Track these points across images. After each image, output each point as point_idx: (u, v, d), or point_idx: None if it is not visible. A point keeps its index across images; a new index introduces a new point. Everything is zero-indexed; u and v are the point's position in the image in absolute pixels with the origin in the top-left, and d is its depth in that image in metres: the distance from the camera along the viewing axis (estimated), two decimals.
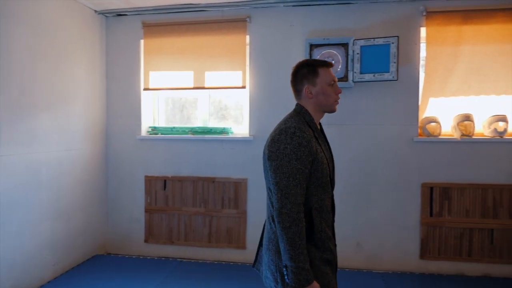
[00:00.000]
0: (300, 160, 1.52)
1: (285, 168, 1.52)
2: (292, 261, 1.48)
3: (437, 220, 3.65)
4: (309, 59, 1.84)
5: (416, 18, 3.61)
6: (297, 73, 1.71)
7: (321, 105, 1.68)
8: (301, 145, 1.53)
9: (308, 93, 1.68)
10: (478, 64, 3.55)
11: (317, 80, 1.67)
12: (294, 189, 1.51)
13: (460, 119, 3.59)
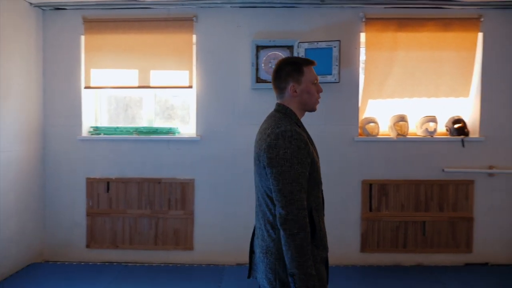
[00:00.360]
0: (301, 163, 1.49)
1: (287, 173, 1.47)
2: (300, 269, 1.43)
3: (376, 215, 3.88)
4: (292, 56, 1.86)
5: (356, 24, 3.80)
6: (281, 71, 1.67)
7: (304, 103, 1.67)
8: (300, 148, 1.50)
9: (293, 91, 1.64)
10: (411, 69, 3.81)
11: (302, 79, 1.64)
12: (298, 194, 1.46)
13: (396, 119, 3.84)
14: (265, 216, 1.60)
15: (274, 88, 1.71)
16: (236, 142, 3.87)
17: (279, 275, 1.53)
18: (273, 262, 1.55)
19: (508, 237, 3.89)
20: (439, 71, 3.81)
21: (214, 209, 3.91)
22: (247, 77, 3.82)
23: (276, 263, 1.54)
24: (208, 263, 3.92)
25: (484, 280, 3.52)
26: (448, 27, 3.76)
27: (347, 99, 3.84)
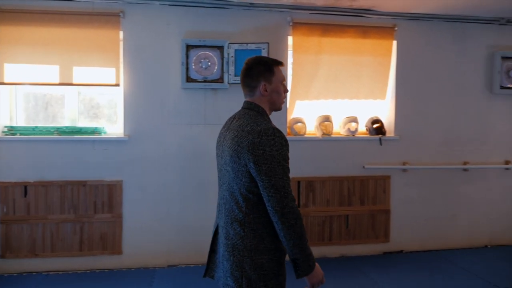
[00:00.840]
0: (285, 159, 1.55)
1: (277, 169, 1.50)
2: (303, 252, 1.53)
3: (304, 211, 4.06)
4: (262, 56, 1.83)
5: (284, 27, 3.95)
6: (252, 70, 1.69)
7: (273, 102, 1.72)
8: (283, 145, 1.56)
9: (264, 90, 1.67)
10: (335, 72, 4.05)
11: (272, 78, 1.69)
12: (289, 188, 1.52)
13: (321, 120, 4.05)
14: (232, 214, 1.61)
15: (244, 86, 1.73)
16: (166, 142, 3.81)
17: (246, 272, 1.55)
18: (240, 259, 1.57)
19: (420, 227, 4.30)
20: (359, 74, 4.10)
21: (143, 211, 3.82)
22: (177, 76, 3.78)
23: (244, 260, 1.56)
24: (138, 266, 3.81)
25: (399, 267, 3.85)
26: (366, 34, 4.06)
27: None
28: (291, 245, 1.52)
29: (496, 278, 3.54)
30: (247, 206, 1.58)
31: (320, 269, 1.62)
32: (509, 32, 4.39)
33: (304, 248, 1.53)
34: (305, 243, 1.54)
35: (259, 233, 1.58)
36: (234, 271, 1.57)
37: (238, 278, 1.56)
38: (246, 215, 1.58)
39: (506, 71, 4.34)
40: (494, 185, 4.47)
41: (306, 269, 1.55)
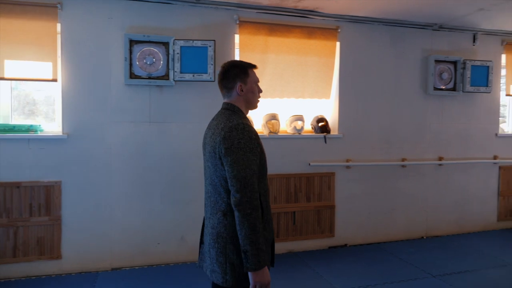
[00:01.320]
0: (253, 152, 1.64)
1: (241, 161, 1.61)
2: (253, 245, 1.57)
3: None
4: (236, 60, 1.95)
5: (231, 25, 3.95)
6: (228, 72, 1.83)
7: (249, 102, 1.85)
8: (252, 138, 1.66)
9: (240, 90, 1.81)
10: (281, 71, 4.12)
11: (247, 80, 1.83)
12: (251, 179, 1.59)
13: (268, 118, 4.10)
14: (217, 205, 1.72)
15: (222, 88, 1.87)
16: (109, 140, 3.67)
17: (229, 257, 1.67)
18: (224, 246, 1.68)
19: (362, 221, 4.49)
20: (305, 74, 4.20)
21: (85, 213, 3.65)
22: (120, 72, 3.66)
23: (227, 247, 1.67)
24: (79, 271, 3.63)
25: (343, 260, 3.99)
26: (311, 35, 4.17)
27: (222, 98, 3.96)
28: (243, 235, 1.59)
29: (430, 267, 3.78)
30: (228, 197, 1.67)
31: (268, 274, 1.63)
32: (441, 37, 4.71)
33: (255, 241, 1.58)
34: (257, 236, 1.58)
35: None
36: (218, 257, 1.69)
37: (223, 264, 1.68)
38: (228, 205, 1.68)
39: (439, 73, 4.65)
40: (429, 180, 4.77)
41: (253, 264, 1.58)
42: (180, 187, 3.87)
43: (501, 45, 4.99)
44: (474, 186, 4.98)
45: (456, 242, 4.56)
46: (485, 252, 4.20)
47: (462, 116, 4.87)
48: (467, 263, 3.88)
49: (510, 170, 5.14)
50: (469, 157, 4.93)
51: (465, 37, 4.83)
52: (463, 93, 4.75)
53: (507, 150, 5.12)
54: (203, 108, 3.89)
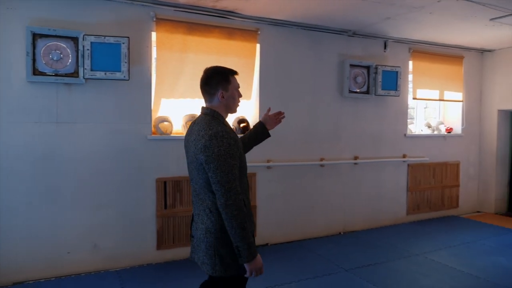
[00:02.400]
0: (232, 157, 1.78)
1: (223, 167, 1.75)
2: (243, 241, 1.75)
3: (171, 212, 3.97)
4: (219, 66, 2.00)
5: (147, 22, 3.81)
6: (211, 79, 1.95)
7: (229, 107, 1.98)
8: (231, 145, 1.79)
9: (221, 97, 1.93)
10: (200, 71, 3.96)
11: (229, 86, 1.94)
12: (234, 183, 1.75)
13: (187, 118, 4.02)
14: (204, 203, 1.87)
15: (204, 93, 1.98)
16: (8, 142, 3.34)
17: (218, 250, 1.83)
18: (212, 240, 1.84)
19: (283, 220, 4.58)
20: None
21: None
22: (21, 68, 3.34)
23: (215, 241, 1.84)
24: None
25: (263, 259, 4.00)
26: (231, 36, 4.17)
27: (139, 97, 3.81)
28: (233, 233, 1.76)
29: (343, 261, 3.96)
30: (213, 196, 1.82)
31: (260, 260, 1.84)
32: (356, 43, 4.98)
33: (244, 238, 1.76)
34: (246, 233, 1.76)
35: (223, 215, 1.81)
36: (208, 250, 1.86)
37: (212, 256, 1.85)
38: (213, 203, 1.83)
39: (354, 77, 4.91)
40: (346, 178, 5.02)
41: (246, 257, 1.78)
42: (91, 191, 3.64)
43: (408, 52, 5.41)
44: (386, 183, 5.34)
45: (369, 236, 4.85)
46: (394, 245, 4.51)
47: (374, 117, 5.19)
48: (377, 256, 4.13)
49: (417, 168, 5.59)
50: (381, 156, 5.27)
51: (377, 44, 5.15)
52: (375, 96, 5.06)
53: (414, 149, 5.56)
54: (117, 108, 3.70)
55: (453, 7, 3.81)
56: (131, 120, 3.78)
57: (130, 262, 3.81)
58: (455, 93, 5.86)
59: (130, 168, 3.79)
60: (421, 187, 5.64)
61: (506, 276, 3.60)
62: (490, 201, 6.17)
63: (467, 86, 6.00)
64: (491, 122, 6.10)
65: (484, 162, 6.23)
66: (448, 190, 5.92)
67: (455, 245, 4.50)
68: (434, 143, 5.77)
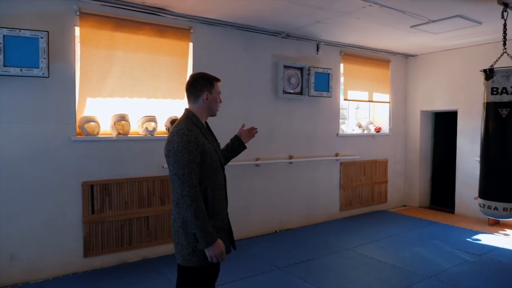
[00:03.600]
0: (190, 153, 1.92)
1: (180, 161, 1.91)
2: (199, 229, 1.90)
3: (99, 217, 3.78)
4: (204, 73, 2.20)
5: (70, 16, 3.58)
6: (197, 82, 2.12)
7: (210, 109, 2.16)
8: (190, 141, 1.94)
9: (205, 99, 2.11)
10: (130, 69, 3.91)
11: (212, 90, 2.14)
12: (189, 176, 1.90)
13: (116, 119, 3.85)
14: (174, 198, 2.01)
15: (190, 95, 2.14)
16: None
17: (180, 239, 2.02)
18: (177, 230, 2.03)
19: None
20: (157, 73, 4.07)
21: None
22: None
23: (179, 231, 2.02)
24: None
25: None
26: (163, 33, 4.06)
27: (61, 96, 3.58)
28: (189, 222, 1.92)
29: (277, 260, 4.02)
30: None
31: (220, 246, 1.96)
32: (289, 45, 5.09)
33: (200, 226, 1.90)
34: (201, 222, 1.90)
35: None
36: (174, 238, 2.06)
37: (177, 244, 2.04)
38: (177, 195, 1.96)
39: (288, 78, 5.01)
40: (281, 177, 5.10)
41: (203, 244, 1.93)
42: (8, 198, 3.35)
43: (339, 55, 5.63)
44: (320, 181, 5.52)
45: (304, 234, 4.97)
46: (327, 241, 4.67)
47: (308, 118, 5.34)
48: (311, 253, 4.24)
49: (348, 166, 5.84)
50: (315, 155, 5.44)
51: (310, 46, 5.30)
52: (308, 97, 5.21)
53: (346, 148, 5.81)
54: (35, 107, 3.45)
55: (377, 13, 4.03)
56: (53, 120, 3.54)
57: (54, 273, 3.56)
58: (383, 95, 6.21)
59: (52, 171, 3.55)
60: (353, 184, 5.91)
61: (424, 266, 3.87)
62: (414, 195, 6.62)
63: (393, 88, 6.39)
64: (414, 122, 6.56)
65: (409, 159, 6.67)
66: (377, 186, 6.26)
67: (382, 238, 4.76)
68: (364, 142, 6.07)
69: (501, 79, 3.64)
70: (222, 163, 2.19)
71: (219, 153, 2.19)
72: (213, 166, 2.06)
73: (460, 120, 5.94)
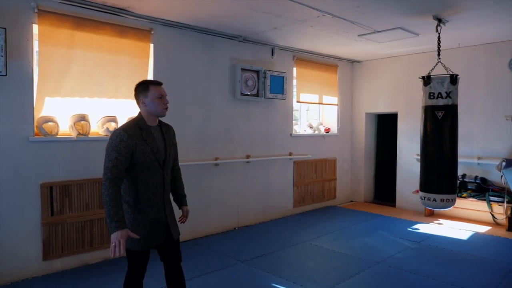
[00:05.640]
0: (118, 151, 2.18)
1: (108, 156, 2.20)
2: (107, 216, 2.14)
3: (59, 218, 3.70)
4: (144, 79, 2.45)
5: (27, 13, 3.49)
6: (135, 89, 2.38)
7: (151, 111, 2.33)
8: (122, 141, 2.20)
9: (142, 102, 2.33)
10: (90, 69, 3.88)
11: (148, 94, 2.31)
12: (111, 170, 2.17)
13: (76, 119, 3.80)
14: None
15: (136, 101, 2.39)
16: None
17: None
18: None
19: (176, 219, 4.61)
20: (117, 74, 4.06)
21: None
22: None
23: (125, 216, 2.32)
24: None
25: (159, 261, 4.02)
26: (124, 34, 4.07)
27: (19, 95, 3.47)
28: (105, 205, 2.16)
29: (239, 254, 4.20)
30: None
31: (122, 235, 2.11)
32: (246, 48, 5.29)
33: (108, 214, 2.14)
34: (108, 209, 2.13)
35: (123, 199, 2.31)
36: None
37: None
38: None
39: (245, 80, 5.21)
40: (239, 176, 5.29)
41: (109, 229, 2.14)
42: None
43: (292, 59, 5.94)
44: (275, 179, 5.78)
45: (261, 229, 5.20)
46: (284, 235, 4.93)
47: (264, 118, 5.58)
48: (269, 246, 4.47)
49: (301, 164, 6.17)
50: (270, 154, 5.69)
51: (265, 50, 5.55)
52: (264, 99, 5.45)
53: (299, 148, 6.13)
54: None
55: (329, 22, 4.36)
56: (9, 119, 3.43)
57: (12, 277, 3.45)
58: (332, 98, 6.63)
59: (10, 172, 3.43)
60: (305, 182, 6.24)
61: (373, 253, 4.26)
62: (360, 191, 7.13)
63: (341, 91, 6.84)
64: (360, 123, 7.07)
65: (355, 157, 7.17)
66: (327, 184, 6.67)
67: (333, 231, 5.12)
68: (315, 141, 6.44)
69: (437, 85, 4.13)
70: (160, 163, 2.35)
71: (163, 153, 2.38)
72: (146, 165, 2.28)
73: (400, 122, 6.51)
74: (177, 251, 2.58)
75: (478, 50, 5.57)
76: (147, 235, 2.36)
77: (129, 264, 2.45)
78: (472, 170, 5.69)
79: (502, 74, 5.36)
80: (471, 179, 5.61)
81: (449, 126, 4.15)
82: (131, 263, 2.44)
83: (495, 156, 5.42)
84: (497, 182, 5.42)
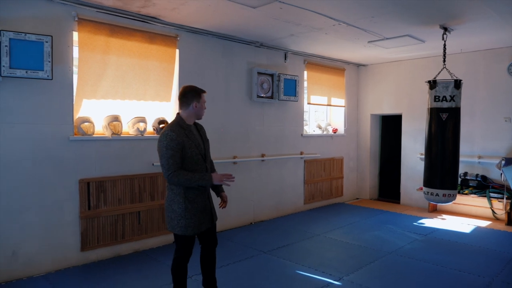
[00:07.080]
0: (170, 149, 2.58)
1: (164, 155, 2.59)
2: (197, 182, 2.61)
3: (95, 212, 3.98)
4: (194, 86, 2.81)
5: (68, 21, 3.76)
6: (188, 94, 2.76)
7: (198, 114, 2.80)
8: (172, 139, 2.59)
9: (195, 107, 2.75)
10: (122, 73, 4.16)
11: (200, 100, 2.78)
12: (169, 165, 2.57)
13: (110, 119, 4.08)
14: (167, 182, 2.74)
15: (182, 103, 2.77)
16: None
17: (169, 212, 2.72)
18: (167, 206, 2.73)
19: None
20: (146, 77, 4.35)
21: None
22: None
23: (169, 206, 2.72)
24: None
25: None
26: (153, 40, 4.35)
27: (61, 97, 3.75)
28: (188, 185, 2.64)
29: (261, 246, 4.50)
30: None
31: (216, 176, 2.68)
32: (262, 53, 5.60)
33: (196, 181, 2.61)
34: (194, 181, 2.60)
35: (174, 192, 2.69)
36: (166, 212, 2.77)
37: (167, 216, 2.75)
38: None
39: (261, 83, 5.51)
40: (254, 174, 5.59)
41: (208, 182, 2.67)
42: (12, 195, 3.47)
43: (303, 63, 6.25)
44: (287, 177, 6.08)
45: (276, 224, 5.49)
46: (298, 229, 5.23)
47: (277, 120, 5.89)
48: (288, 239, 4.77)
49: (311, 163, 6.48)
50: (283, 153, 6.00)
51: (279, 55, 5.86)
52: (278, 101, 5.76)
53: (309, 147, 6.44)
54: (38, 108, 3.60)
55: (343, 30, 4.68)
56: (53, 120, 3.70)
57: (54, 267, 3.72)
58: (339, 99, 6.96)
59: (52, 169, 3.70)
60: (315, 180, 6.56)
61: (384, 245, 4.57)
62: (365, 189, 7.46)
63: (348, 94, 7.17)
64: (365, 124, 7.39)
65: (360, 157, 7.50)
66: (335, 181, 6.99)
67: (344, 226, 5.43)
68: (323, 141, 6.76)
69: (442, 89, 4.47)
70: (203, 155, 2.77)
71: (203, 148, 2.79)
72: (192, 158, 2.68)
73: (404, 123, 6.85)
74: (215, 235, 2.99)
75: (479, 56, 5.92)
76: (198, 220, 2.73)
77: (178, 248, 2.79)
78: (473, 168, 6.04)
79: (502, 78, 5.72)
80: (473, 177, 5.96)
81: (452, 127, 4.48)
82: (181, 246, 2.77)
83: (495, 155, 5.77)
84: (497, 179, 5.76)
